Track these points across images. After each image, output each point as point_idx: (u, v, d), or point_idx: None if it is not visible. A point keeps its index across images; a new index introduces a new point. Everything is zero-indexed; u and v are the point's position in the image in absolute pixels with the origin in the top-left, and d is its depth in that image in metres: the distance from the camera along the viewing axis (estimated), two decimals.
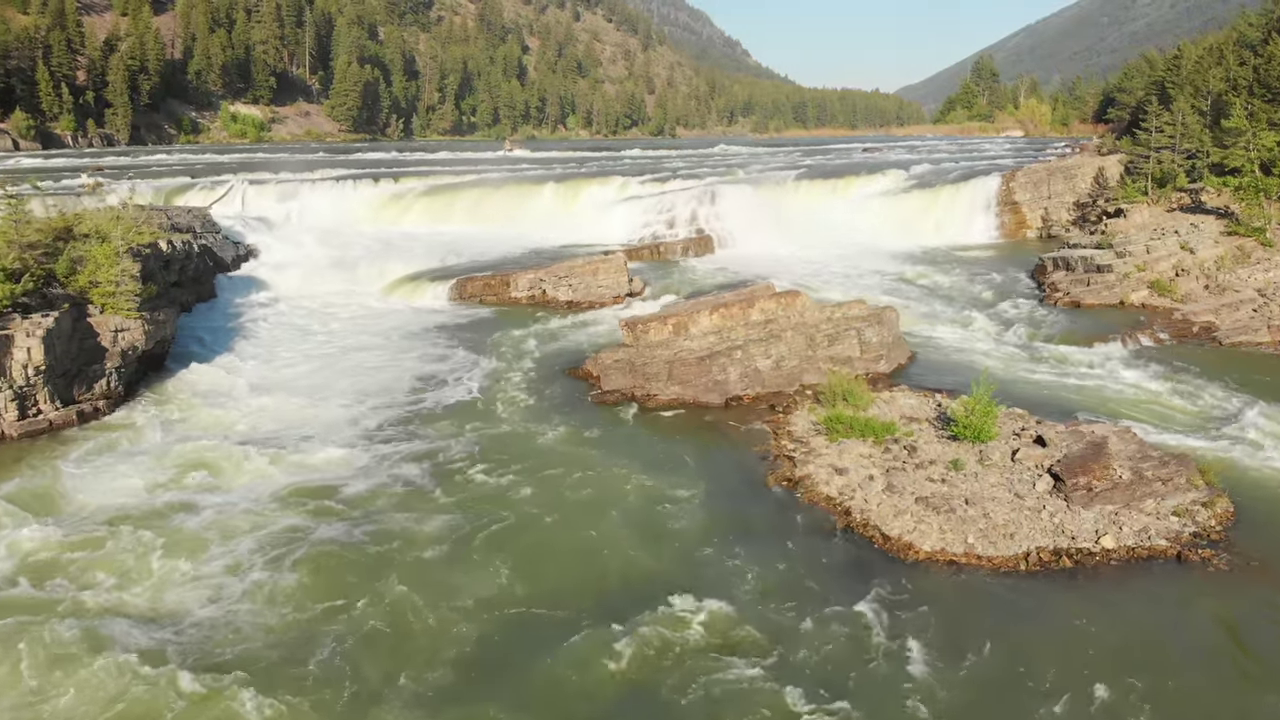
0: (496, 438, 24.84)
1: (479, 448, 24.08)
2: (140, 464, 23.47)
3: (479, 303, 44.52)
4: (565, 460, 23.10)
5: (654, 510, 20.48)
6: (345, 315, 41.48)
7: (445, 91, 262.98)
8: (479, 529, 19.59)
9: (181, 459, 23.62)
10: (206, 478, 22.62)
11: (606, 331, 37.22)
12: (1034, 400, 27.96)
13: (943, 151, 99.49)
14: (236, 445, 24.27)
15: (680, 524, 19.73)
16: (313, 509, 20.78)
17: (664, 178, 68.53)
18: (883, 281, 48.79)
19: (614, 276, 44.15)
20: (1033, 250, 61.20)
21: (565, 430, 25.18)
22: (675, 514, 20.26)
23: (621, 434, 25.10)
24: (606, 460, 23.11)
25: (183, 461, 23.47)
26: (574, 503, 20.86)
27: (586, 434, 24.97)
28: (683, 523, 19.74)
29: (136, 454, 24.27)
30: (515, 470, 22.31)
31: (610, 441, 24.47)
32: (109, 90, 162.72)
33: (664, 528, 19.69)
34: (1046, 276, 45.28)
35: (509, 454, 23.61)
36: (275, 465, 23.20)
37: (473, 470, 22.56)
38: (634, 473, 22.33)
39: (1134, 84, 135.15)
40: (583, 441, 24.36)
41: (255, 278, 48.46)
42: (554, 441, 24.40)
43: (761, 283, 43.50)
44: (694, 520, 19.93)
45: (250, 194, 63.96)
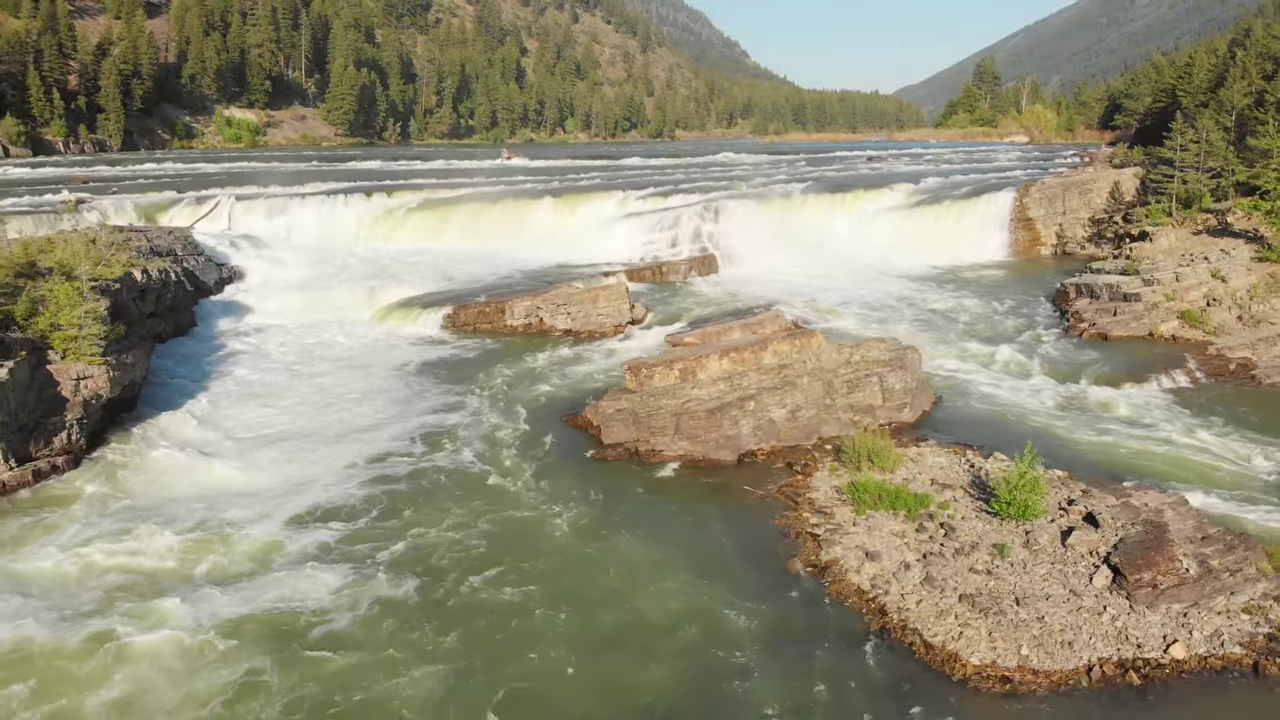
0: (489, 519, 22.12)
1: (469, 536, 21.27)
2: (65, 551, 20.59)
3: (473, 331, 42.32)
4: (564, 545, 20.71)
5: (663, 608, 18.22)
6: (331, 348, 39.22)
7: (443, 94, 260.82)
8: (468, 653, 17.21)
9: (112, 554, 20.41)
10: (130, 599, 18.69)
11: (606, 369, 35.02)
12: (1072, 456, 25.79)
13: (949, 161, 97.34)
14: (185, 536, 21.18)
15: (693, 629, 17.44)
16: (264, 647, 16.95)
17: (665, 191, 66.36)
18: (895, 306, 46.61)
19: (614, 304, 41.96)
20: (1047, 268, 59.11)
21: (564, 503, 22.73)
22: (687, 614, 17.99)
23: (625, 503, 22.80)
24: (609, 541, 20.80)
25: (110, 563, 20.12)
26: (571, 599, 18.54)
27: (587, 505, 22.59)
28: (696, 628, 17.45)
29: (68, 533, 21.54)
30: (508, 564, 19.65)
31: (613, 515, 22.17)
32: (101, 95, 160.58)
33: (675, 634, 17.41)
34: (1070, 304, 43.09)
35: (502, 541, 21.07)
36: (219, 585, 19.20)
37: (461, 570, 19.52)
38: (641, 557, 20.09)
39: (1141, 90, 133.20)
40: (583, 515, 22.00)
41: (239, 303, 46.25)
42: (553, 518, 21.98)
43: (769, 311, 41.39)
44: (709, 622, 17.67)
45: (237, 210, 61.70)
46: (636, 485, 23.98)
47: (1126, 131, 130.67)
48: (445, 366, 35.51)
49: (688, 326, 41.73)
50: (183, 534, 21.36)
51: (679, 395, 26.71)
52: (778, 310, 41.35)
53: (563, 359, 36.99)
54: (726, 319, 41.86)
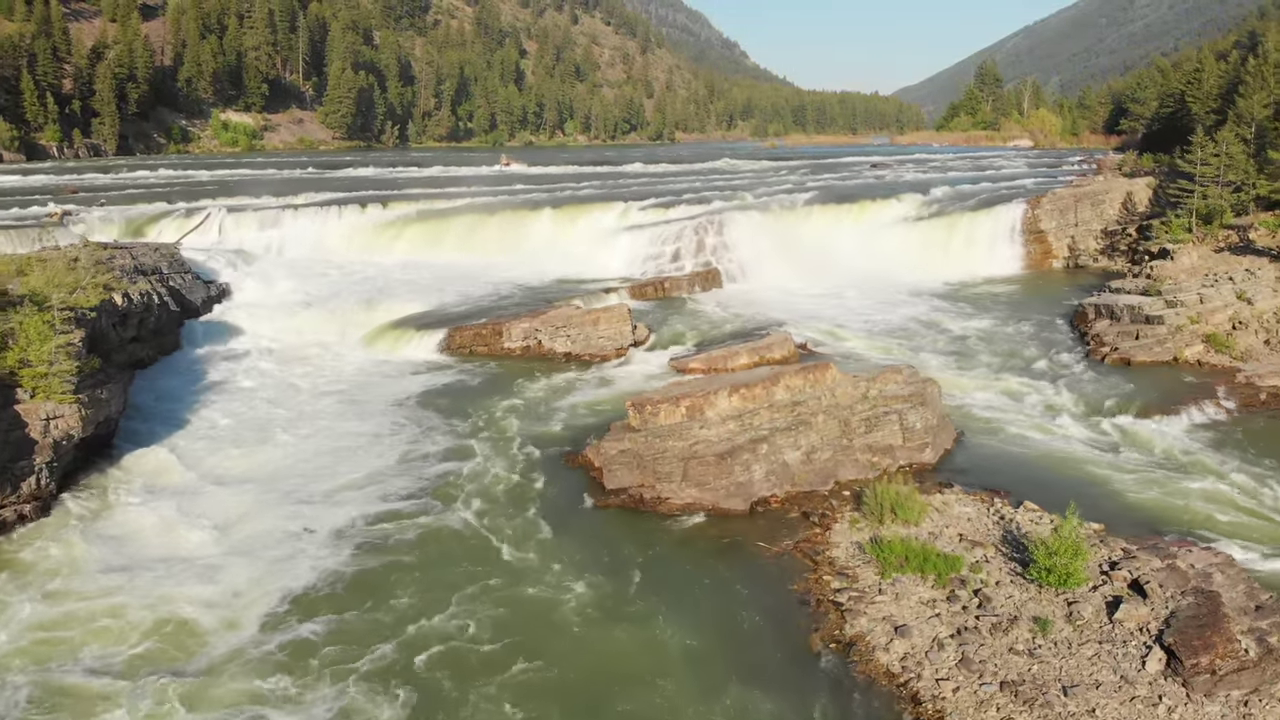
0: (490, 600, 19.75)
1: (467, 627, 18.86)
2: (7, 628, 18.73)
3: (469, 354, 40.72)
4: (570, 628, 18.72)
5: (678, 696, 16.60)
6: (323, 375, 37.56)
7: (441, 97, 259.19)
8: None
9: (51, 644, 18.37)
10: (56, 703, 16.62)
11: (608, 399, 33.38)
12: (1104, 502, 24.22)
13: (954, 168, 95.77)
14: (138, 625, 19.01)
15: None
16: None
17: (667, 202, 64.77)
18: (907, 326, 45.03)
19: (616, 326, 40.37)
20: (1061, 283, 57.55)
21: (569, 569, 20.78)
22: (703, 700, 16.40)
23: (632, 567, 21.07)
24: (618, 620, 18.98)
25: (47, 652, 18.11)
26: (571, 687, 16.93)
27: (592, 571, 20.70)
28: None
29: (10, 611, 19.56)
30: (509, 656, 17.57)
31: (620, 582, 20.43)
32: (96, 99, 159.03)
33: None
34: (1089, 325, 41.50)
35: (504, 628, 18.76)
36: (175, 681, 16.99)
37: (458, 678, 17.20)
38: (652, 636, 18.42)
39: (1147, 94, 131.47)
40: (589, 587, 20.11)
41: (227, 323, 44.64)
42: (557, 592, 20.02)
43: (777, 334, 39.87)
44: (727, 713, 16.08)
45: (228, 222, 60.12)
46: (643, 541, 22.31)
47: (1133, 136, 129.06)
48: (441, 399, 33.81)
49: (692, 349, 40.24)
50: (136, 624, 19.01)
51: (686, 435, 25.11)
52: (786, 333, 39.90)
53: (562, 386, 35.37)
54: (732, 341, 40.36)
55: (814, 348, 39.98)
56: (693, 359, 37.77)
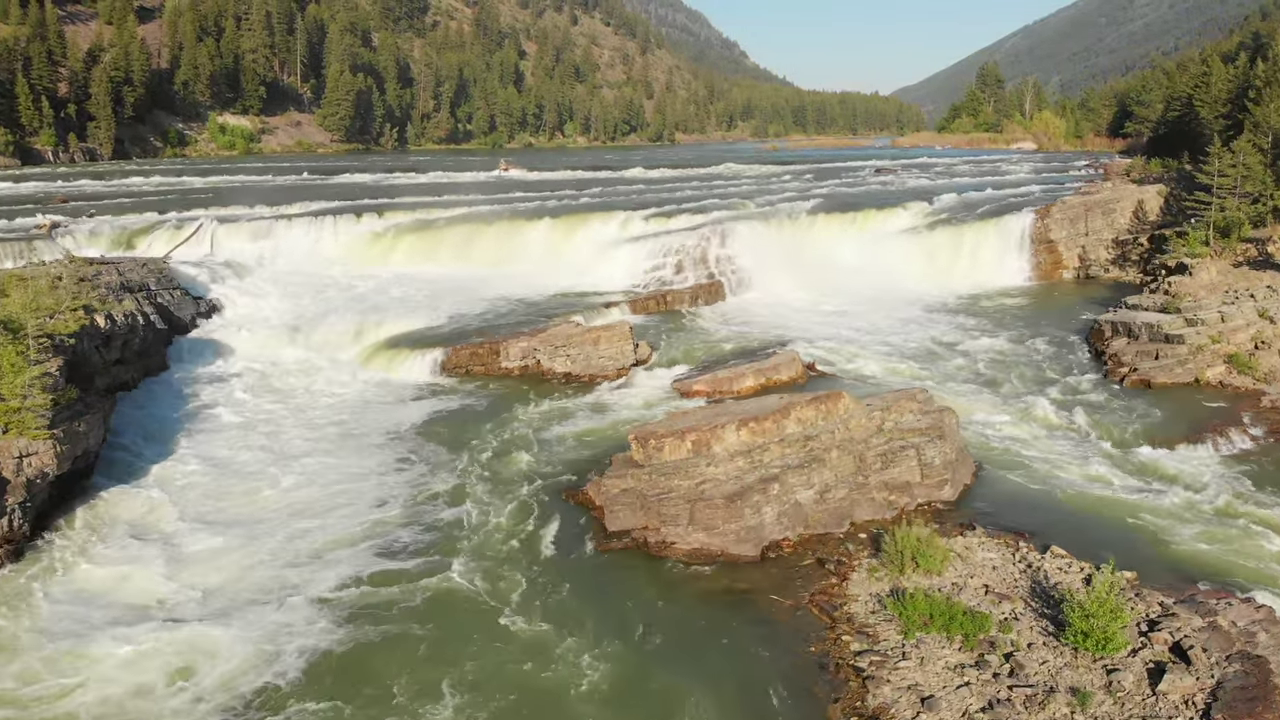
0: (486, 677, 18.18)
1: (461, 692, 17.63)
2: None
3: (465, 374, 39.40)
4: (572, 704, 17.58)
5: None
6: (314, 400, 36.21)
7: (440, 99, 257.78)
8: None
9: None
10: None
11: (610, 426, 32.07)
12: (1135, 546, 22.96)
13: (959, 173, 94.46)
14: (95, 693, 17.82)
15: None
16: None
17: (668, 211, 63.45)
18: (916, 342, 43.73)
19: (617, 345, 39.07)
20: (1072, 295, 56.30)
21: (569, 625, 19.48)
22: None
23: (638, 622, 19.73)
24: (625, 686, 17.65)
25: None
26: None
27: (597, 631, 19.35)
28: None
29: None
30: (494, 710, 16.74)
31: (626, 641, 19.07)
32: (91, 103, 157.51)
33: None
34: (1106, 344, 40.21)
35: (500, 702, 17.47)
36: None
37: None
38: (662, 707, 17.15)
39: (1152, 96, 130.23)
40: (594, 649, 18.78)
41: (216, 341, 43.34)
42: (557, 653, 18.70)
43: (784, 353, 38.61)
44: None
45: (220, 234, 58.81)
46: (650, 595, 20.97)
47: (1138, 139, 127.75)
48: (437, 428, 32.45)
49: (696, 370, 38.94)
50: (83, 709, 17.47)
51: (692, 473, 23.81)
52: (793, 352, 38.65)
53: (561, 412, 34.02)
54: (737, 361, 39.12)
55: (822, 368, 38.69)
56: (697, 381, 36.51)
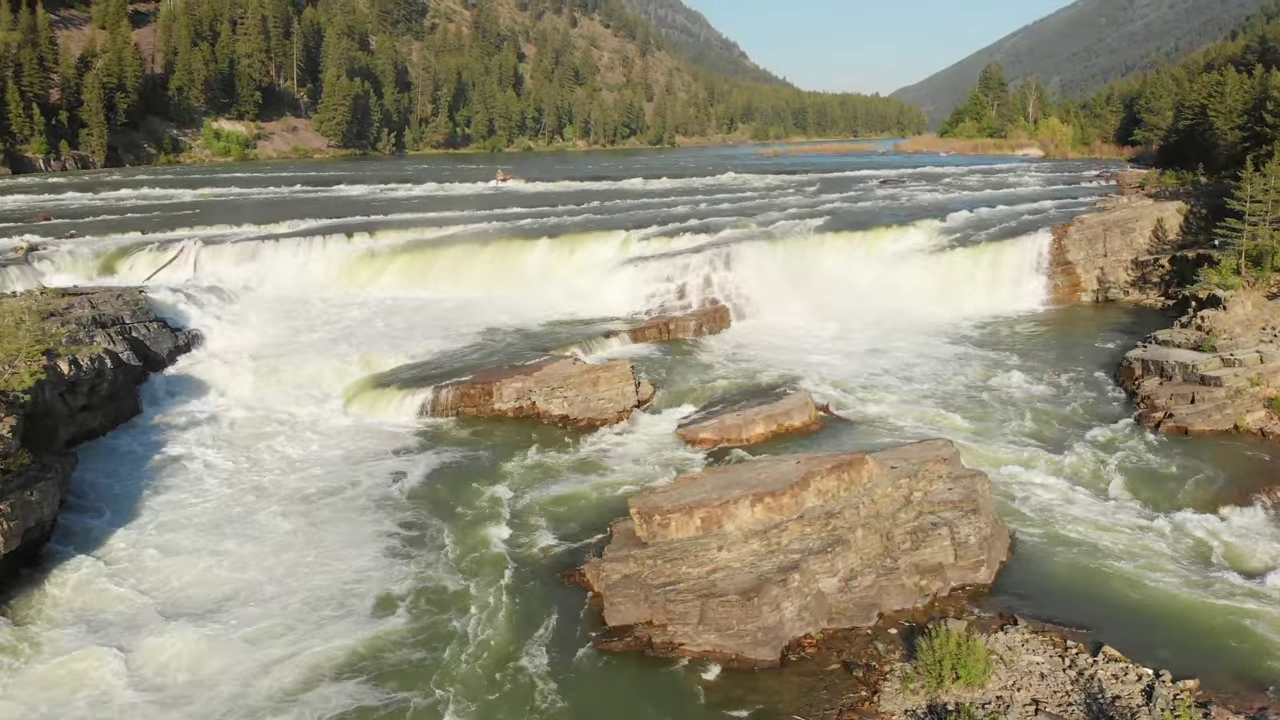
0: None
1: None
2: None
3: (455, 416, 37.04)
4: None
5: None
6: (294, 453, 33.70)
7: (439, 103, 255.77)
8: None
9: None
10: None
11: (610, 485, 29.64)
12: (1192, 640, 20.62)
13: (967, 184, 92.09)
14: None
15: None
16: None
17: (671, 230, 61.12)
18: (935, 378, 41.41)
19: (618, 386, 36.69)
20: (1093, 321, 54.00)
21: None
22: None
23: None
24: None
25: None
26: None
27: None
28: None
29: None
30: None
31: None
32: (84, 110, 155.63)
33: None
34: (1137, 383, 37.85)
35: None
36: None
37: None
38: None
39: (1161, 103, 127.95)
40: None
41: (193, 379, 41.00)
42: None
43: (795, 395, 36.27)
44: None
45: (204, 256, 56.59)
46: (651, 700, 18.64)
47: (1147, 147, 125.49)
48: (422, 487, 30.00)
49: (701, 412, 36.58)
50: None
51: (702, 558, 21.45)
52: (805, 394, 36.32)
53: (557, 465, 31.61)
54: (745, 401, 36.76)
55: (835, 410, 36.34)
56: (703, 426, 34.14)
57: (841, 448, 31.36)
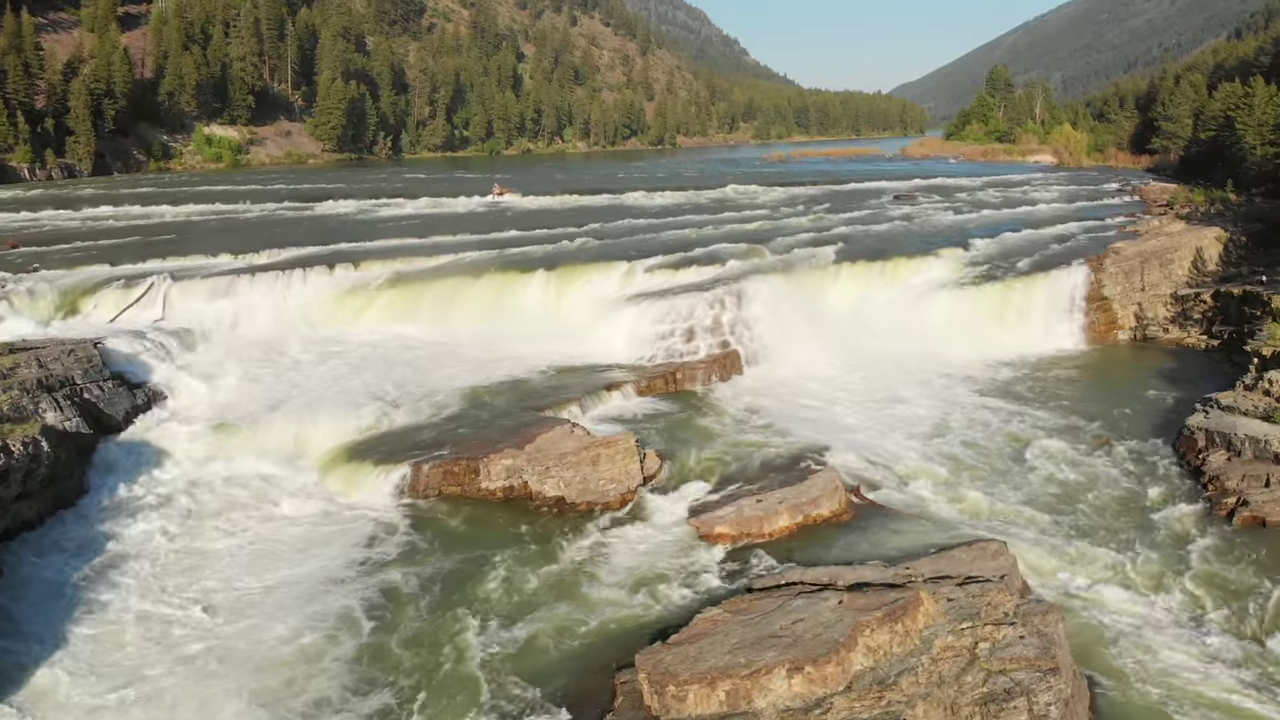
0: None
1: None
2: None
3: (439, 496, 33.03)
4: None
5: None
6: (254, 543, 29.86)
7: (436, 105, 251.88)
8: None
9: None
10: None
11: (610, 603, 25.58)
12: None
13: (986, 202, 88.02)
14: None
15: None
16: None
17: (676, 262, 57.05)
18: (970, 440, 37.52)
19: (621, 464, 32.68)
20: (1133, 364, 50.09)
21: None
22: None
23: None
24: None
25: None
26: None
27: None
28: None
29: None
30: None
31: None
32: (70, 116, 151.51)
33: None
34: (1200, 457, 33.83)
35: None
36: None
37: None
38: None
39: (1179, 111, 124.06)
40: None
41: (151, 446, 37.00)
42: None
43: (822, 473, 32.26)
44: None
45: (174, 294, 52.40)
46: None
47: (1165, 156, 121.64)
48: (392, 599, 25.94)
49: (716, 492, 32.54)
50: None
51: None
52: (833, 474, 32.30)
53: (550, 574, 27.41)
54: (765, 480, 32.76)
55: (867, 493, 32.31)
56: (719, 517, 30.11)
57: (880, 548, 27.52)
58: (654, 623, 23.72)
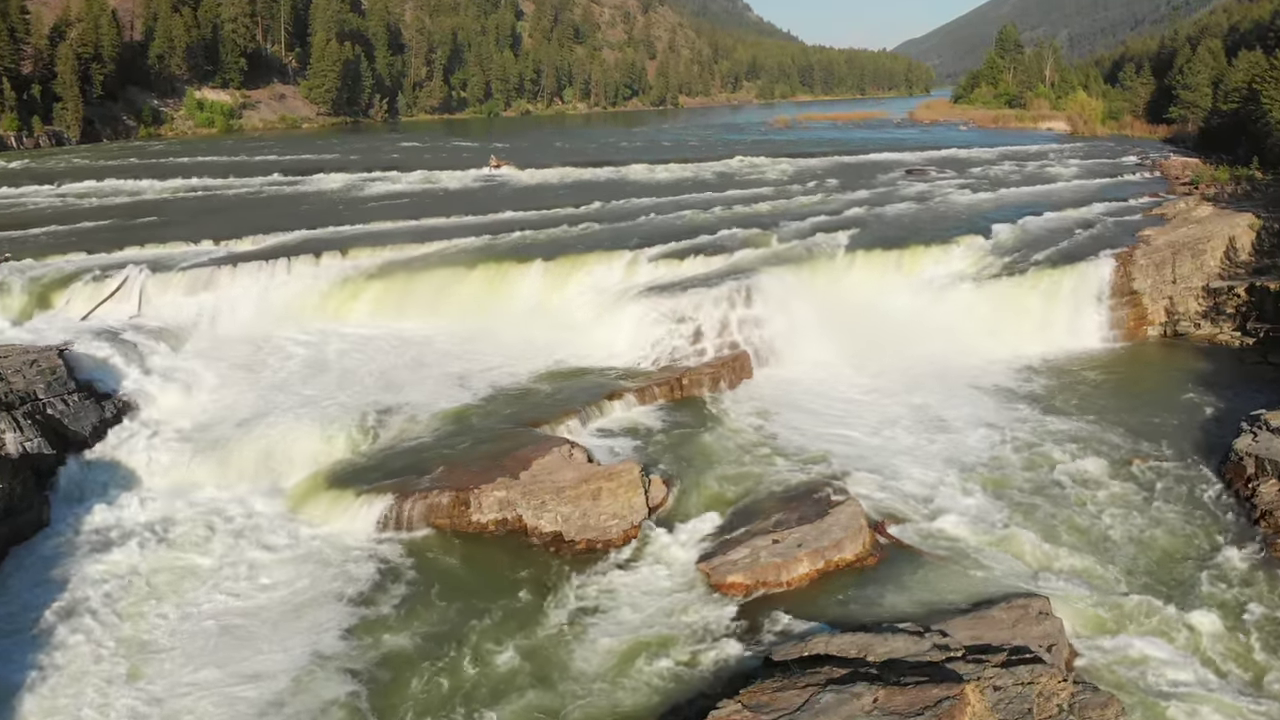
0: None
1: None
2: None
3: (425, 526, 30.52)
4: None
5: None
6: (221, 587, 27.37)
7: (433, 66, 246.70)
8: None
9: None
10: None
11: (616, 670, 23.11)
12: None
13: (1003, 178, 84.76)
14: None
15: None
16: None
17: (682, 251, 54.06)
18: (999, 460, 34.99)
19: (624, 498, 30.12)
20: (1165, 364, 47.47)
21: None
22: None
23: None
24: None
25: None
26: None
27: None
28: None
29: None
30: None
31: None
32: (57, 83, 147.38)
33: None
34: (1250, 487, 31.26)
35: None
36: None
37: None
38: None
39: (1198, 79, 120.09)
40: None
41: (119, 466, 34.55)
42: None
43: (843, 507, 29.73)
44: None
45: (150, 287, 49.63)
46: None
47: (1183, 127, 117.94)
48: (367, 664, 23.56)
49: (726, 529, 29.96)
50: None
51: None
52: (854, 507, 29.83)
53: (543, 636, 24.84)
54: (781, 514, 30.34)
55: (891, 528, 29.77)
56: (732, 562, 27.50)
57: (910, 602, 25.24)
58: (657, 708, 21.22)
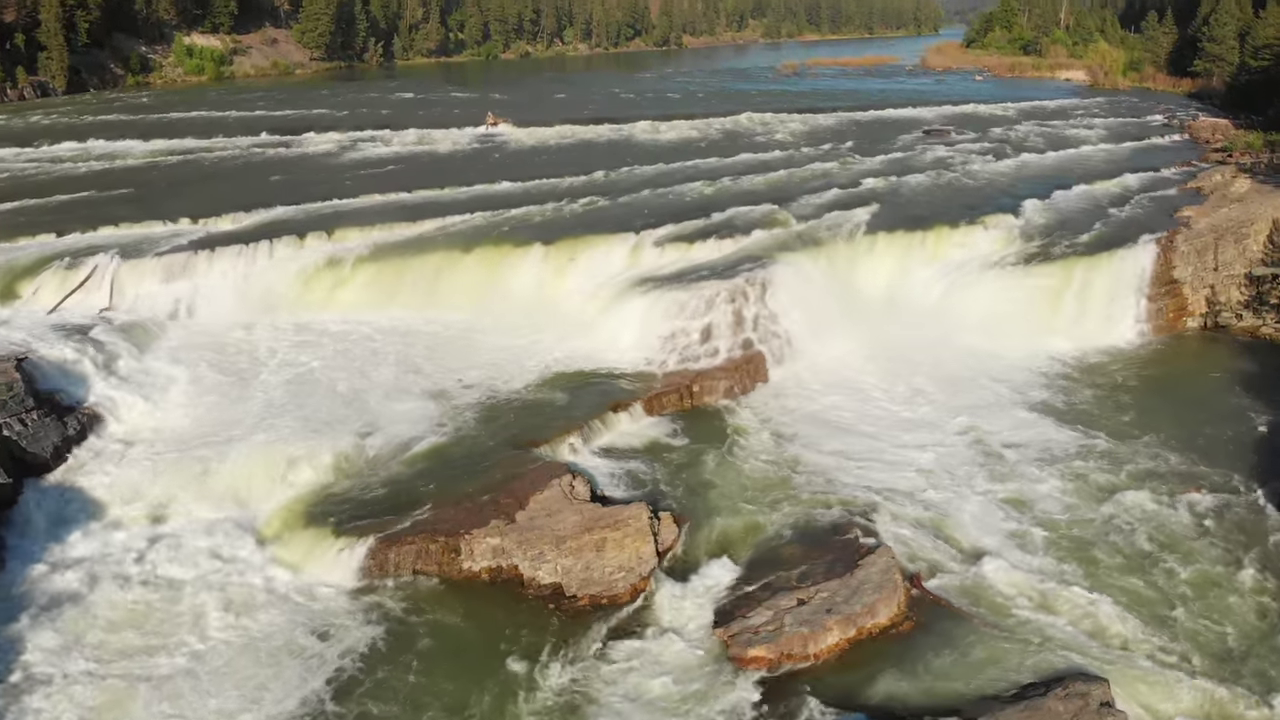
0: None
1: None
2: None
3: (411, 574, 27.75)
4: None
5: None
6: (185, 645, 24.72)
7: (430, 6, 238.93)
8: None
9: None
10: None
11: None
12: None
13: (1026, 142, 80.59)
14: None
15: None
16: None
17: (690, 234, 50.47)
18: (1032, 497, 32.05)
19: (631, 548, 27.24)
20: (1208, 362, 44.66)
21: None
22: None
23: None
24: None
25: None
26: None
27: None
28: None
29: None
30: None
31: None
32: (41, 31, 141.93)
33: None
34: None
35: None
36: None
37: None
38: None
39: (1224, 32, 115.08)
40: None
41: (82, 494, 31.73)
42: None
43: (875, 557, 26.97)
44: None
45: (123, 274, 46.42)
46: None
47: (1209, 81, 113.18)
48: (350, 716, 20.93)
49: (743, 582, 27.16)
50: None
51: None
52: (887, 559, 27.12)
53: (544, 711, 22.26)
54: (804, 565, 27.51)
55: (926, 581, 26.94)
56: (753, 632, 24.62)
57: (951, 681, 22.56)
58: None
